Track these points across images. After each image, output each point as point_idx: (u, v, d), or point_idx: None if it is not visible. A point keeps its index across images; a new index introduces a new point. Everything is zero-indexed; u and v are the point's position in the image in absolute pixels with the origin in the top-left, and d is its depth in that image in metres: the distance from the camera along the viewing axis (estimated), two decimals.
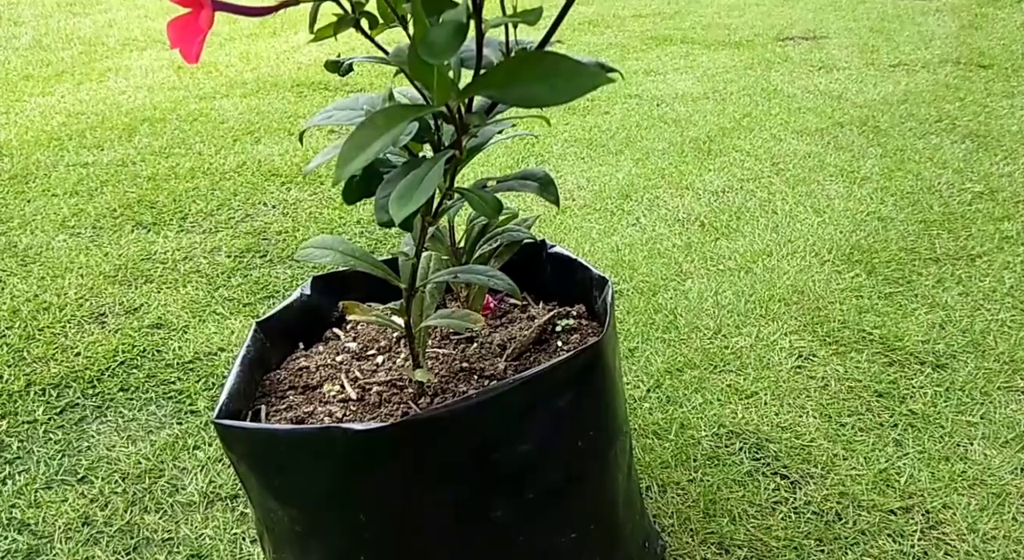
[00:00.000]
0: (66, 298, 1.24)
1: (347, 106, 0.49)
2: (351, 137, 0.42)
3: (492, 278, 0.54)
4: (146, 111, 2.06)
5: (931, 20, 2.51)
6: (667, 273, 1.25)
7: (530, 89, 0.38)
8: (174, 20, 0.37)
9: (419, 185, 0.42)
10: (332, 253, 0.56)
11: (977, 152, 1.55)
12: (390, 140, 0.41)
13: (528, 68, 0.39)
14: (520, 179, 0.50)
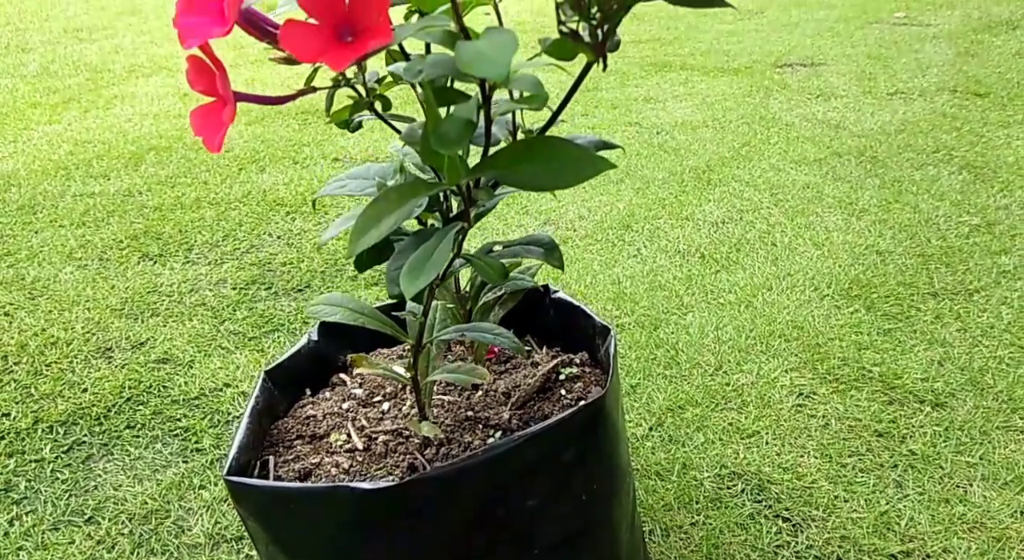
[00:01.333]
0: (73, 332, 1.25)
1: (359, 175, 0.51)
2: (365, 212, 0.43)
3: (498, 336, 0.55)
4: (152, 139, 2.08)
5: (928, 47, 2.54)
6: (668, 306, 1.26)
7: (535, 173, 0.40)
8: (197, 109, 0.39)
9: (429, 259, 0.43)
10: (341, 310, 0.57)
11: (974, 184, 1.57)
12: (403, 216, 0.42)
13: (533, 152, 0.41)
14: (525, 244, 0.51)
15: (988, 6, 3.02)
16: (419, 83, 0.40)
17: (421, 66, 0.39)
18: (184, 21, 0.36)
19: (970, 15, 2.91)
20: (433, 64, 0.39)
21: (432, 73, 0.39)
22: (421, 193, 0.43)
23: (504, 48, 0.33)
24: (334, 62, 0.35)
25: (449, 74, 0.38)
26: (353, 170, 0.51)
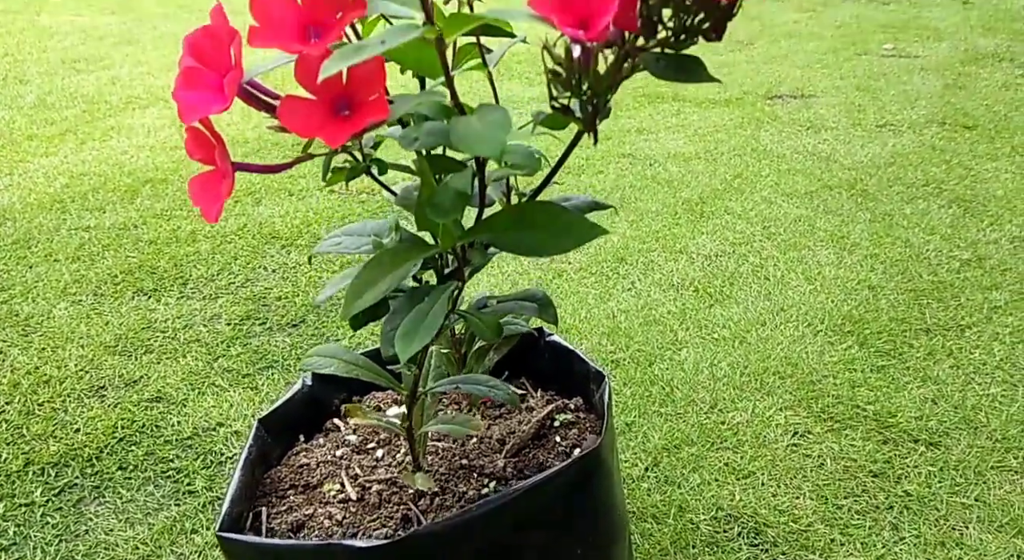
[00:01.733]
0: (66, 370, 1.24)
1: (355, 232, 0.51)
2: (360, 274, 0.44)
3: (492, 389, 0.56)
4: (148, 172, 2.09)
5: (916, 79, 2.58)
6: (663, 341, 1.27)
7: (529, 239, 0.40)
8: (196, 178, 0.39)
9: (424, 320, 0.44)
10: (335, 362, 0.58)
11: (964, 218, 1.59)
12: (397, 279, 0.43)
13: (527, 218, 0.41)
14: (519, 300, 0.52)
15: (974, 38, 3.08)
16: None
17: (417, 134, 0.40)
18: (183, 95, 0.37)
19: (957, 47, 2.96)
20: (429, 132, 0.40)
21: (427, 142, 0.39)
22: (415, 257, 0.43)
23: (497, 127, 0.34)
24: (330, 138, 0.35)
25: (444, 143, 0.39)
26: (349, 226, 0.52)
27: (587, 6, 0.32)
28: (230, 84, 0.35)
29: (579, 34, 0.31)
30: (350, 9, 0.35)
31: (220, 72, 0.37)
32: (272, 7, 0.36)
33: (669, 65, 0.36)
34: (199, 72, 0.37)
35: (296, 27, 0.36)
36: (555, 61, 0.36)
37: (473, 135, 0.34)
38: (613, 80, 0.35)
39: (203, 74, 0.37)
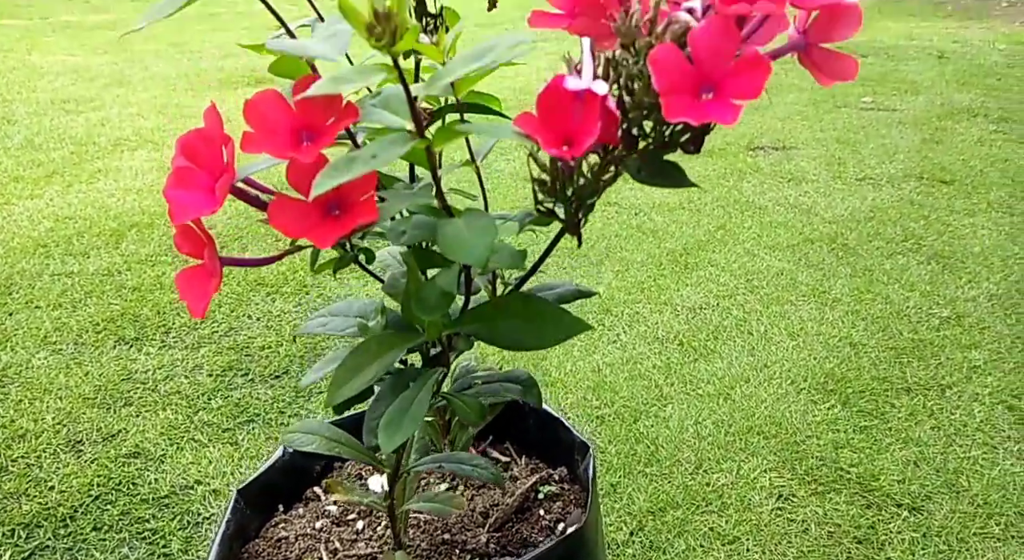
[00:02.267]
0: (43, 424, 1.22)
1: (341, 312, 0.51)
2: (345, 362, 0.44)
3: (475, 467, 0.55)
4: (134, 216, 2.09)
5: (894, 132, 2.64)
6: (648, 397, 1.27)
7: (514, 333, 0.41)
8: (183, 272, 0.40)
9: (408, 410, 0.44)
10: (317, 439, 0.57)
11: (943, 274, 1.61)
12: (383, 368, 0.43)
13: (512, 310, 0.42)
14: (503, 381, 0.52)
15: (950, 93, 3.17)
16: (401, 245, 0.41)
17: (405, 227, 0.41)
18: (175, 194, 0.37)
19: (933, 101, 3.04)
20: (416, 226, 0.40)
21: (415, 237, 0.40)
22: (401, 345, 0.44)
23: (483, 234, 0.34)
24: (320, 240, 0.36)
25: (431, 239, 0.40)
26: (335, 306, 0.52)
27: (571, 125, 0.33)
28: (221, 187, 0.36)
29: (564, 153, 0.32)
30: (343, 115, 0.36)
31: (212, 172, 0.38)
32: (266, 112, 0.37)
33: (650, 171, 0.37)
34: (191, 171, 0.38)
35: (289, 132, 0.37)
36: (540, 168, 0.37)
37: (460, 242, 0.34)
38: (595, 187, 0.36)
39: (195, 174, 0.38)
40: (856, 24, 0.35)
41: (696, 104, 0.32)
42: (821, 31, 0.36)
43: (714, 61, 0.32)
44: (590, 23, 0.41)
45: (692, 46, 0.32)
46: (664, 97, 0.32)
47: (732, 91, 0.32)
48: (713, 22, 0.32)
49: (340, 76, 0.32)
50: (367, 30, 0.31)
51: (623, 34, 0.35)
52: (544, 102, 0.34)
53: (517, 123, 0.33)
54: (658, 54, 0.32)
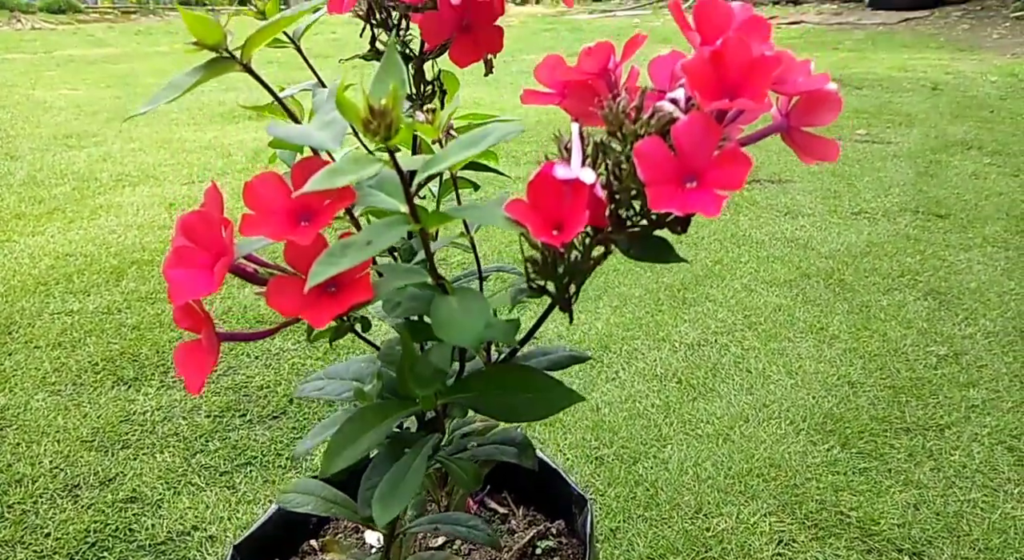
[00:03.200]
0: (40, 468, 1.22)
1: (338, 374, 0.52)
2: (340, 430, 0.44)
3: (472, 529, 0.56)
4: (135, 252, 2.10)
5: (889, 166, 2.67)
6: (647, 437, 1.26)
7: (508, 404, 0.41)
8: (182, 346, 0.40)
9: (404, 478, 0.44)
10: (313, 500, 0.57)
11: (939, 311, 1.62)
12: (379, 437, 0.43)
13: (506, 381, 0.42)
14: (499, 444, 0.52)
15: (944, 125, 3.20)
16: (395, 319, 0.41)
17: (400, 299, 0.41)
18: (174, 273, 0.38)
19: (927, 134, 3.08)
20: (411, 298, 0.41)
21: (409, 310, 0.41)
22: (397, 414, 0.44)
23: (476, 316, 0.35)
24: (315, 320, 0.36)
25: (425, 313, 0.40)
26: (331, 368, 0.53)
27: (561, 210, 0.34)
28: (220, 269, 0.37)
29: (553, 240, 0.33)
30: (340, 198, 0.37)
31: (211, 252, 0.38)
32: (265, 194, 0.38)
33: (639, 249, 0.38)
34: (190, 251, 0.39)
35: (287, 212, 0.38)
36: (532, 247, 0.38)
37: (453, 324, 0.35)
38: (586, 266, 0.37)
39: (194, 253, 0.39)
40: (835, 110, 0.37)
41: (680, 194, 0.33)
42: (802, 115, 0.38)
43: (697, 153, 0.33)
44: (580, 103, 0.42)
45: (675, 140, 0.33)
46: (649, 187, 0.33)
47: (715, 182, 0.33)
48: (694, 118, 0.33)
49: (336, 168, 0.33)
50: (363, 125, 0.32)
51: (610, 121, 0.36)
52: (534, 188, 0.34)
53: (508, 210, 0.34)
54: (643, 147, 0.33)
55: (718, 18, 0.36)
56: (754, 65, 0.33)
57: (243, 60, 0.40)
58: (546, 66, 0.41)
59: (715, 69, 0.33)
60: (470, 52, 0.49)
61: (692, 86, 0.33)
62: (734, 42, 0.33)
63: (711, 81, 0.33)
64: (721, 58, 0.33)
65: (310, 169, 0.39)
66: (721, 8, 0.36)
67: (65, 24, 8.55)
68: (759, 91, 0.33)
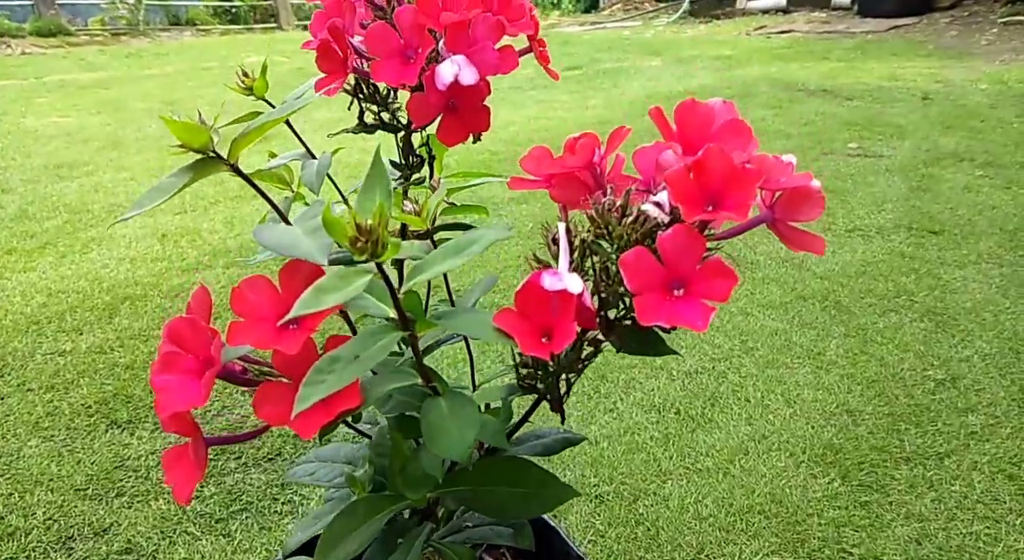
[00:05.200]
0: (33, 520, 1.20)
1: (329, 458, 0.51)
2: (331, 525, 0.43)
3: None
4: (128, 287, 2.09)
5: (882, 181, 2.67)
6: (647, 472, 1.26)
7: (501, 499, 0.41)
8: (170, 452, 0.39)
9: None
10: None
11: (936, 333, 1.62)
12: (371, 533, 0.43)
13: (499, 475, 0.42)
14: (493, 525, 0.52)
15: (935, 137, 3.22)
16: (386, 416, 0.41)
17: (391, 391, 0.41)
18: (161, 381, 0.37)
19: (919, 147, 3.09)
20: (403, 395, 0.40)
21: (399, 406, 0.40)
22: (388, 510, 0.43)
23: (466, 427, 0.34)
24: (303, 430, 0.36)
25: (416, 408, 0.40)
26: (321, 451, 0.52)
27: (550, 319, 0.34)
28: (206, 382, 0.36)
29: (542, 351, 0.32)
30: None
31: (199, 357, 0.38)
32: (253, 299, 0.37)
33: (630, 342, 0.38)
34: (178, 357, 0.38)
35: (276, 317, 0.37)
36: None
37: (443, 434, 0.34)
38: (576, 367, 0.36)
39: (182, 358, 0.38)
40: (819, 206, 0.36)
41: (668, 304, 0.33)
42: (787, 210, 0.37)
43: (682, 263, 0.33)
44: (567, 192, 0.42)
45: (661, 249, 0.33)
46: (636, 298, 0.33)
47: (702, 292, 0.33)
48: (679, 230, 0.33)
49: (323, 286, 0.32)
50: (350, 243, 0.32)
51: (597, 222, 0.36)
52: (522, 298, 0.34)
53: (497, 321, 0.34)
54: (629, 258, 0.32)
55: (698, 122, 0.36)
56: (736, 176, 0.33)
57: (231, 161, 0.40)
58: (532, 159, 0.41)
59: (697, 179, 0.33)
60: (457, 132, 0.49)
61: (675, 198, 0.33)
62: (715, 153, 0.33)
63: (693, 192, 0.33)
64: (703, 168, 0.33)
65: (298, 272, 0.38)
66: (701, 112, 0.36)
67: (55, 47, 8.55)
68: (742, 203, 0.33)
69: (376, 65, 0.46)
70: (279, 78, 5.51)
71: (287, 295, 0.38)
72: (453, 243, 0.35)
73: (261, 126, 0.40)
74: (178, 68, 6.79)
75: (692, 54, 6.28)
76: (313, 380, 0.32)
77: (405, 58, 0.47)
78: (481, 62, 0.45)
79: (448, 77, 0.44)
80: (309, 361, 0.37)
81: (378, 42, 0.46)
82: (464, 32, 0.46)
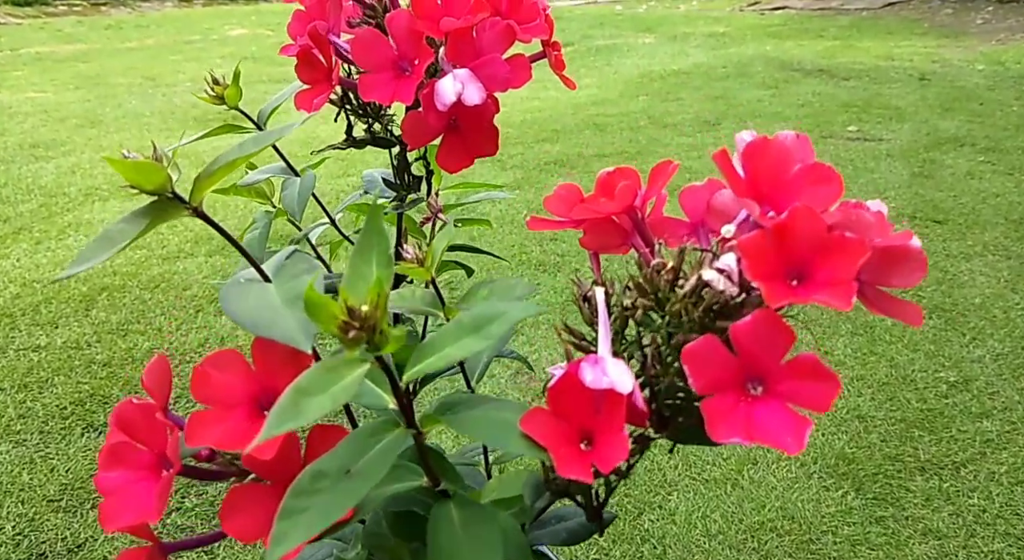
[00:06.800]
0: (3, 535, 1.13)
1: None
2: None
3: None
4: (105, 277, 2.00)
5: (883, 166, 2.61)
6: (651, 483, 1.20)
7: None
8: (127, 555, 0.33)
9: None
10: None
11: (946, 331, 1.57)
12: None
13: None
14: None
15: (935, 120, 3.15)
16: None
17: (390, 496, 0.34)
18: (108, 481, 0.30)
19: (919, 130, 3.02)
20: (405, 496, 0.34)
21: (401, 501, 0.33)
22: None
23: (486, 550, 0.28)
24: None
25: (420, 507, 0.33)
26: None
27: (591, 419, 0.27)
28: (161, 492, 0.29)
29: (584, 474, 0.26)
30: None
31: (154, 450, 0.31)
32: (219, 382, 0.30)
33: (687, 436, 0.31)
34: (129, 448, 0.31)
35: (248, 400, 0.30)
36: None
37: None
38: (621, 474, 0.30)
39: (134, 451, 0.31)
40: (919, 271, 0.30)
41: (745, 409, 0.26)
42: (876, 272, 0.30)
43: (764, 357, 0.26)
44: (600, 237, 0.35)
45: (735, 340, 0.26)
46: (705, 403, 0.26)
47: (789, 393, 0.26)
48: (761, 319, 0.26)
49: (303, 388, 0.25)
50: (341, 331, 0.25)
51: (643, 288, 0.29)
52: (557, 396, 0.27)
53: (526, 426, 0.27)
54: (695, 350, 0.26)
55: (771, 166, 0.29)
56: (831, 246, 0.26)
57: (193, 204, 0.33)
58: (559, 199, 0.34)
59: (779, 248, 0.26)
60: (460, 156, 0.42)
61: (754, 274, 0.26)
62: (804, 216, 0.26)
63: (776, 265, 0.26)
64: (787, 235, 0.26)
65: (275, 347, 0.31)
66: (775, 153, 0.29)
67: (32, 18, 8.29)
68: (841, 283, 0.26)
69: (365, 79, 0.39)
70: (264, 53, 5.35)
71: (262, 375, 0.31)
72: (470, 317, 0.28)
73: (230, 163, 0.33)
74: (159, 41, 6.59)
75: (686, 31, 6.16)
76: (291, 509, 0.25)
77: (399, 71, 0.39)
78: (488, 77, 0.38)
79: (450, 96, 0.36)
80: (291, 460, 0.31)
81: (367, 51, 0.39)
82: (468, 41, 0.38)
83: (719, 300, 0.28)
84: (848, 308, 0.25)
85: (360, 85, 0.39)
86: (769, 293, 0.26)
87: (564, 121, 3.45)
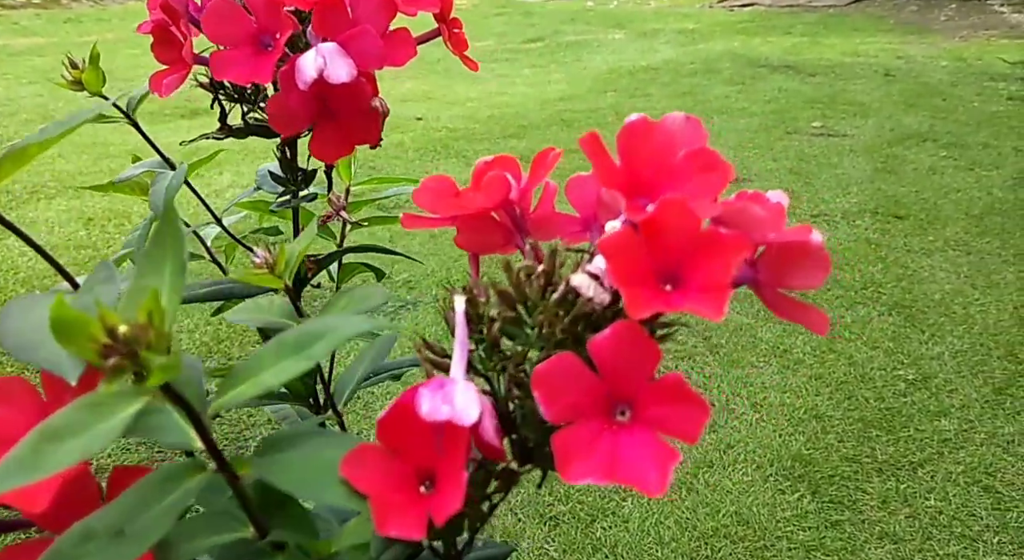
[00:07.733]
0: None
1: None
2: None
3: None
4: (47, 279, 1.91)
5: (846, 162, 2.60)
6: (605, 489, 1.16)
7: None
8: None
9: None
10: None
11: (904, 327, 1.55)
12: None
13: None
14: None
15: (899, 116, 3.16)
16: None
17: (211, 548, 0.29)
18: None
19: (883, 125, 3.03)
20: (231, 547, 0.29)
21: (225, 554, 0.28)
22: None
23: None
24: None
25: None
26: None
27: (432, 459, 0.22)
28: None
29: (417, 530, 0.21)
30: None
31: None
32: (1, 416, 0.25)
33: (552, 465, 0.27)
34: None
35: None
36: None
37: None
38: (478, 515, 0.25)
39: None
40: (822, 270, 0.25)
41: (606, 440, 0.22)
42: (775, 271, 0.26)
43: (626, 376, 0.22)
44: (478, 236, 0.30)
45: (595, 357, 0.22)
46: (556, 436, 0.22)
47: (656, 420, 0.22)
48: (620, 332, 0.21)
49: (54, 426, 0.20)
50: (99, 357, 0.20)
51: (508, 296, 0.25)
52: (389, 429, 0.22)
53: (347, 468, 0.22)
54: (544, 372, 0.21)
55: (653, 152, 0.25)
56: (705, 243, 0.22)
57: None
58: (428, 192, 0.29)
59: (649, 246, 0.22)
60: (336, 144, 0.37)
61: (615, 277, 0.22)
62: (674, 208, 0.22)
63: (642, 267, 0.22)
64: (656, 230, 0.22)
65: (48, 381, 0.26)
66: (658, 139, 0.25)
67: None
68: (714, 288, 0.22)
69: (218, 56, 0.34)
70: None
71: (53, 405, 0.26)
72: (294, 335, 0.24)
73: (22, 150, 0.28)
74: (120, 35, 6.42)
75: (655, 27, 6.15)
76: None
77: (259, 46, 0.34)
78: (359, 52, 0.33)
79: (311, 72, 0.31)
80: (85, 506, 0.26)
81: (221, 24, 0.34)
82: (339, 12, 0.33)
83: (588, 309, 0.23)
84: (718, 318, 0.21)
85: (212, 63, 0.34)
86: (631, 301, 0.21)
87: (531, 117, 3.40)
